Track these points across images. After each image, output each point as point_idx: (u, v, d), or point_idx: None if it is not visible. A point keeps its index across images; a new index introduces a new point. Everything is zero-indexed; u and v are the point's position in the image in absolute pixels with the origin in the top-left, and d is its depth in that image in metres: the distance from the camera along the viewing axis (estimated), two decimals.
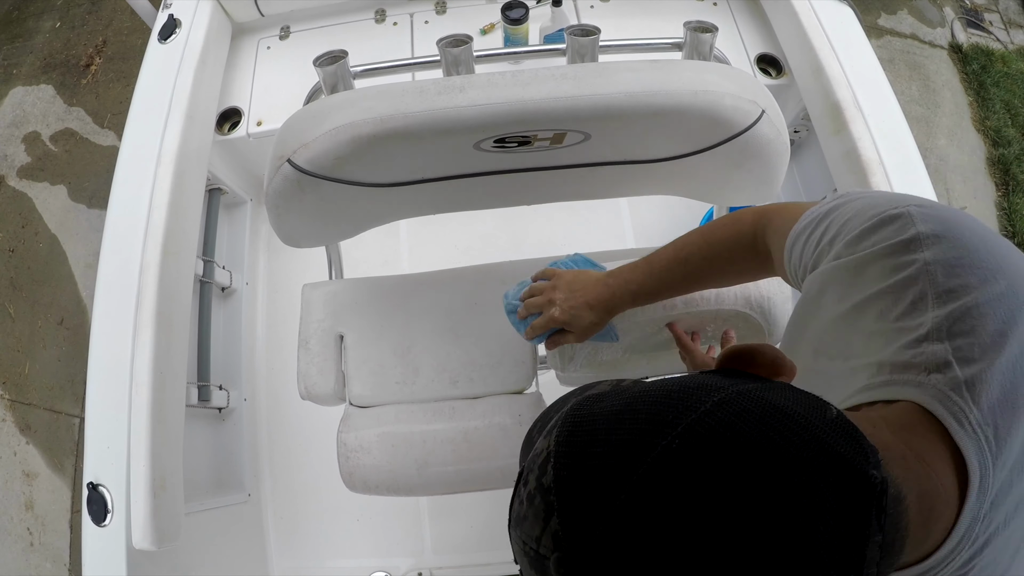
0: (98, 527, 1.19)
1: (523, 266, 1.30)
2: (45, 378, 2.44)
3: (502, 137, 0.92)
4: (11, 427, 2.39)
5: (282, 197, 0.94)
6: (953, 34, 3.08)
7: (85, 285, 2.54)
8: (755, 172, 1.01)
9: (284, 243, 1.09)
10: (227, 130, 1.75)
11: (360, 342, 1.26)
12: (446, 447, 1.15)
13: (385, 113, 0.87)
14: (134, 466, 1.21)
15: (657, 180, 1.12)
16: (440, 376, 1.23)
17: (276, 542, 1.80)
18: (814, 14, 1.55)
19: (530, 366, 1.24)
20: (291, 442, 1.89)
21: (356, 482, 1.17)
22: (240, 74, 1.81)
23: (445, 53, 1.12)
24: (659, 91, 0.89)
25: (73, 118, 2.90)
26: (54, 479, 2.29)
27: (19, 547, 2.22)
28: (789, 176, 1.79)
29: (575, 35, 1.12)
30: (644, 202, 2.05)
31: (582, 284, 0.90)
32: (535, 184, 1.08)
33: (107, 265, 1.35)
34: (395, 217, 1.18)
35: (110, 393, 1.25)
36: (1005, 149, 2.76)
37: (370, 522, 1.81)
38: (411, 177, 0.99)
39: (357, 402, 1.24)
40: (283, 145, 0.90)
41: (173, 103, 1.50)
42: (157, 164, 1.42)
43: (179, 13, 1.63)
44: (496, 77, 0.89)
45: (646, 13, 1.80)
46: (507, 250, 1.97)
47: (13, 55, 3.13)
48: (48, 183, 2.77)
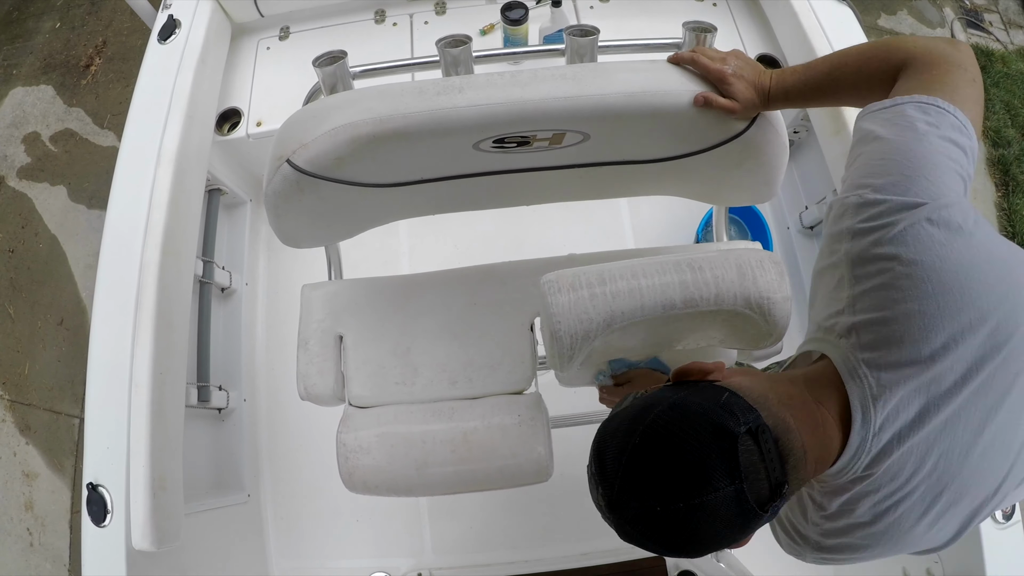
0: (98, 527, 1.19)
1: (523, 266, 1.30)
2: (45, 378, 2.44)
3: (501, 137, 0.92)
4: (11, 427, 2.39)
5: (282, 197, 0.94)
6: (953, 35, 3.08)
7: (85, 285, 2.54)
8: (755, 172, 1.01)
9: (284, 243, 1.09)
10: (227, 130, 1.75)
11: (360, 342, 1.26)
12: (445, 447, 1.15)
13: (384, 113, 0.87)
14: (134, 466, 1.21)
15: (656, 180, 1.12)
16: (439, 377, 1.23)
17: (276, 542, 1.80)
18: (814, 14, 1.55)
19: (529, 366, 1.24)
20: (291, 442, 1.89)
21: (356, 482, 1.17)
22: (240, 74, 1.81)
23: (444, 53, 1.12)
24: (659, 91, 0.89)
25: (73, 118, 2.90)
26: (54, 479, 2.29)
27: (19, 547, 2.22)
28: (789, 176, 1.80)
29: (574, 35, 1.12)
30: (644, 202, 2.05)
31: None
32: (534, 184, 1.08)
33: (107, 265, 1.35)
34: (395, 217, 1.18)
35: (110, 393, 1.25)
36: (1005, 149, 2.76)
37: (370, 522, 1.81)
38: (410, 177, 0.99)
39: (357, 402, 1.24)
40: (282, 145, 0.90)
41: (173, 103, 1.50)
42: (157, 164, 1.42)
43: (179, 13, 1.63)
44: (495, 77, 0.89)
45: (646, 13, 1.80)
46: (507, 250, 1.96)
47: (13, 55, 3.14)
48: (48, 183, 2.77)
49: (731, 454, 0.53)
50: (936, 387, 0.58)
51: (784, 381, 0.64)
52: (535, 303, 1.25)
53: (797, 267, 1.97)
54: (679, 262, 0.96)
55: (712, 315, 0.99)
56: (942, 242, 0.59)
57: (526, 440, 1.16)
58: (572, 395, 1.86)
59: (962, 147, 0.64)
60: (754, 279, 0.95)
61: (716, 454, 0.53)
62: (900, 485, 0.61)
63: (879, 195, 0.62)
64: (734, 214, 1.96)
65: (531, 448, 1.15)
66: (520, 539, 1.77)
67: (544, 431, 1.17)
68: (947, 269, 0.59)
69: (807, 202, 1.95)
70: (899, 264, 0.60)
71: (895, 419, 0.59)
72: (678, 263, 0.96)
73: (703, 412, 0.56)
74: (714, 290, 0.95)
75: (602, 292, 0.94)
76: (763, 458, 0.54)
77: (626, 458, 0.56)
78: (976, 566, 1.17)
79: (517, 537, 1.77)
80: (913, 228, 0.60)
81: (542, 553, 1.74)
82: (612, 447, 0.57)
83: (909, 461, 0.60)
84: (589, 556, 1.69)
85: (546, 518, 1.76)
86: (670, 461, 0.54)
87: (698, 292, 0.94)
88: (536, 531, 1.77)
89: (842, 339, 0.63)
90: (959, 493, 0.62)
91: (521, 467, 1.15)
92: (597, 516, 0.60)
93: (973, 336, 0.58)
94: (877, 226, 0.62)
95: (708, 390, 0.59)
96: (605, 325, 0.94)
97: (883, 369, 0.59)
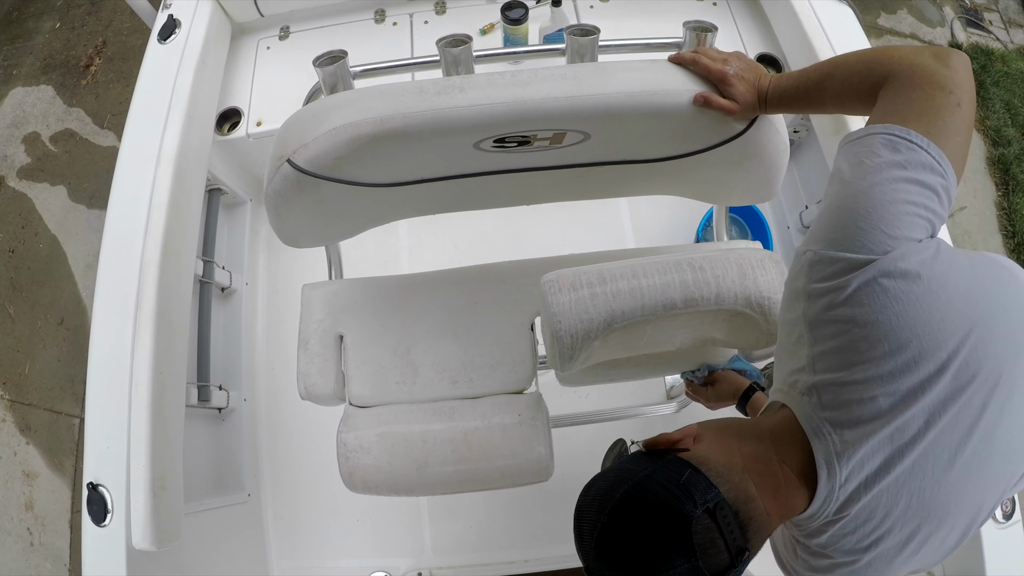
0: (98, 527, 1.19)
1: (523, 266, 1.30)
2: (45, 378, 2.44)
3: (502, 137, 0.92)
4: (11, 427, 2.39)
5: (282, 197, 0.94)
6: (953, 34, 3.08)
7: (85, 285, 2.54)
8: (755, 172, 1.01)
9: (284, 243, 1.09)
10: (227, 130, 1.75)
11: (360, 342, 1.26)
12: (446, 447, 1.15)
13: (385, 113, 0.87)
14: (134, 466, 1.21)
15: (657, 180, 1.12)
16: (440, 376, 1.23)
17: (276, 542, 1.80)
18: (814, 14, 1.55)
19: (530, 366, 1.24)
20: (291, 442, 1.89)
21: (356, 482, 1.17)
22: (240, 74, 1.81)
23: (445, 53, 1.12)
24: (659, 91, 0.89)
25: (73, 119, 2.90)
26: (54, 479, 2.29)
27: (19, 547, 2.22)
28: (789, 176, 1.79)
29: (574, 35, 1.12)
30: (644, 202, 2.05)
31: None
32: (535, 184, 1.08)
33: (107, 265, 1.35)
34: (395, 217, 1.18)
35: (110, 393, 1.25)
36: (1005, 149, 2.76)
37: (370, 522, 1.81)
38: (411, 177, 0.99)
39: (357, 402, 1.24)
40: (283, 145, 0.90)
41: (173, 103, 1.50)
42: (157, 164, 1.42)
43: (179, 13, 1.63)
44: (496, 77, 0.89)
45: (646, 13, 1.80)
46: (507, 250, 1.96)
47: (13, 56, 3.14)
48: (48, 184, 2.77)
49: (685, 536, 0.58)
50: (900, 436, 0.60)
51: (751, 438, 0.67)
52: (535, 303, 1.25)
53: None
54: (680, 262, 0.96)
55: (713, 315, 0.99)
56: (898, 296, 0.58)
57: (526, 440, 1.16)
58: (572, 395, 1.87)
59: (931, 187, 0.61)
60: (755, 279, 0.95)
61: (671, 536, 0.58)
62: (875, 526, 0.63)
63: (832, 252, 0.62)
64: (734, 214, 1.96)
65: (531, 448, 1.15)
66: (520, 539, 1.77)
67: (544, 431, 1.17)
68: (904, 325, 0.58)
69: (807, 202, 1.95)
70: (855, 326, 0.60)
71: (860, 470, 0.61)
72: (679, 263, 0.96)
73: (661, 495, 0.60)
74: (715, 290, 0.95)
75: (603, 292, 0.94)
76: (721, 532, 0.59)
77: (597, 533, 0.61)
78: (976, 566, 1.17)
79: (517, 537, 1.77)
80: (867, 287, 0.59)
81: (542, 553, 1.74)
82: (587, 520, 0.63)
83: (880, 504, 0.62)
84: None
85: (546, 518, 1.76)
86: (632, 541, 0.59)
87: (699, 292, 0.94)
88: (536, 531, 1.77)
89: (804, 396, 0.64)
90: (937, 523, 0.63)
91: (521, 467, 1.16)
92: None
93: (936, 383, 0.58)
94: (831, 288, 0.62)
95: (671, 467, 0.63)
96: (606, 325, 0.94)
97: (846, 427, 0.61)
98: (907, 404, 0.59)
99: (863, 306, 0.59)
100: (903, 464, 0.60)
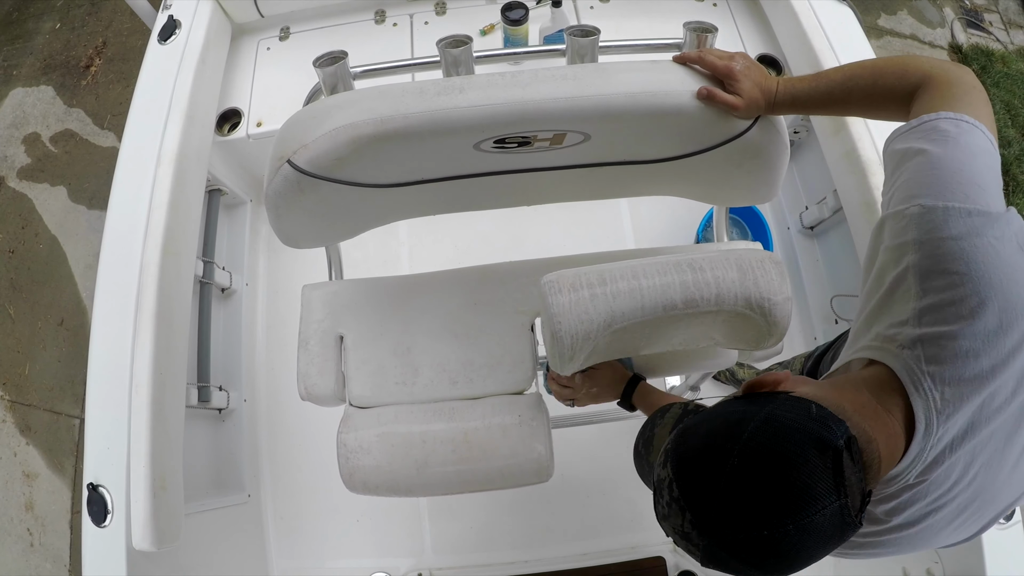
0: (98, 528, 1.19)
1: (523, 266, 1.30)
2: (45, 379, 2.44)
3: (502, 137, 0.92)
4: (11, 428, 2.39)
5: (282, 198, 0.94)
6: (953, 34, 3.08)
7: (85, 286, 2.54)
8: (755, 172, 1.01)
9: (284, 244, 1.09)
10: (227, 131, 1.75)
11: (360, 343, 1.26)
12: (446, 447, 1.15)
13: (385, 114, 0.87)
14: (134, 467, 1.21)
15: (657, 180, 1.12)
16: (440, 377, 1.23)
17: (276, 542, 1.80)
18: (814, 14, 1.56)
19: (530, 366, 1.24)
20: (291, 442, 1.89)
21: (356, 482, 1.17)
22: (240, 75, 1.81)
23: (445, 54, 1.12)
24: (660, 91, 0.89)
25: (73, 119, 2.90)
26: (54, 480, 2.29)
27: (19, 548, 2.22)
28: (789, 176, 1.79)
29: (575, 36, 1.12)
30: (644, 202, 2.05)
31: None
32: (535, 184, 1.08)
33: (107, 266, 1.35)
34: (395, 218, 1.18)
35: (110, 394, 1.25)
36: (1005, 150, 2.76)
37: (370, 522, 1.81)
38: (411, 178, 0.99)
39: (357, 403, 1.24)
40: (283, 146, 0.90)
41: (173, 104, 1.50)
42: (157, 165, 1.43)
43: (179, 14, 1.63)
44: (496, 78, 0.89)
45: (646, 13, 1.80)
46: (507, 250, 1.97)
47: (13, 56, 3.14)
48: (48, 184, 2.77)
49: (838, 469, 0.52)
50: (991, 401, 0.60)
51: (850, 389, 0.63)
52: (535, 303, 1.25)
53: (797, 267, 1.97)
54: (680, 262, 0.96)
55: (713, 315, 0.99)
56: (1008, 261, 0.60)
57: (526, 440, 1.16)
58: None
59: (995, 160, 0.66)
60: (755, 280, 0.95)
61: (823, 470, 0.51)
62: (943, 492, 0.62)
63: (940, 202, 0.63)
64: (734, 214, 1.96)
65: (531, 448, 1.15)
66: (520, 539, 1.77)
67: (544, 431, 1.17)
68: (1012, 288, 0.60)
69: (807, 202, 1.96)
70: (968, 280, 0.60)
71: (950, 432, 0.60)
72: (679, 263, 0.96)
73: (800, 427, 0.54)
74: (715, 290, 0.95)
75: (603, 292, 0.94)
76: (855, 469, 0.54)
77: (724, 481, 0.52)
78: (976, 566, 1.17)
79: (517, 537, 1.77)
80: (981, 240, 0.61)
81: (542, 553, 1.74)
82: (702, 469, 0.54)
83: (956, 469, 0.61)
84: (589, 556, 1.69)
85: (546, 518, 1.77)
86: (776, 482, 0.51)
87: (699, 292, 0.94)
88: (536, 531, 1.77)
89: (905, 350, 0.62)
90: (989, 501, 0.64)
91: (521, 467, 1.15)
92: (597, 516, 0.60)
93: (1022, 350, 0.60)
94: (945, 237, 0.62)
95: (792, 402, 0.57)
96: (606, 325, 0.94)
97: (947, 384, 0.59)
98: (1004, 366, 0.59)
99: (977, 263, 0.60)
100: (985, 430, 0.60)
